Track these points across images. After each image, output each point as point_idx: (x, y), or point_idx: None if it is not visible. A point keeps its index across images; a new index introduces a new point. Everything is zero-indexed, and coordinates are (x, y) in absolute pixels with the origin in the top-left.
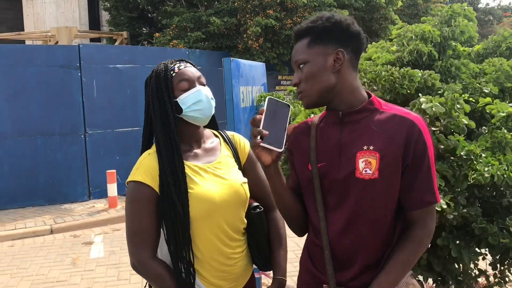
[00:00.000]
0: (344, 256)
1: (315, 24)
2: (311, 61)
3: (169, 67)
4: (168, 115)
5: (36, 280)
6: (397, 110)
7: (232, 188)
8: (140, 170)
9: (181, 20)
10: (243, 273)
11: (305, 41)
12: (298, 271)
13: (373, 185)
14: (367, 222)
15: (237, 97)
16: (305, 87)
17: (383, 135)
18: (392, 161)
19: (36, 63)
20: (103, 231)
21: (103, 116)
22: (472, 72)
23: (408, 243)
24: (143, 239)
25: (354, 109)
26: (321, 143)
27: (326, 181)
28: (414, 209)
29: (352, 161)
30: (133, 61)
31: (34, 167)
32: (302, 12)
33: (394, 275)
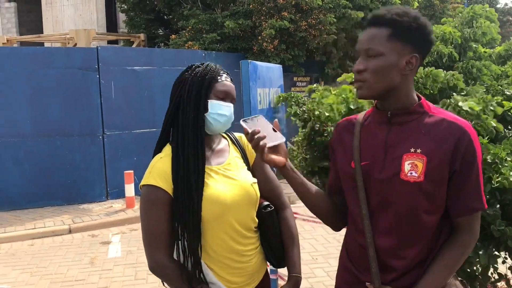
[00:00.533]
0: (387, 255)
1: (401, 18)
2: (386, 55)
3: (219, 71)
4: (200, 111)
5: (55, 279)
6: (446, 115)
7: (242, 188)
8: (154, 173)
9: (197, 22)
10: (258, 269)
11: (385, 32)
12: (313, 273)
13: (417, 188)
14: (411, 224)
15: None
16: (369, 79)
17: (432, 139)
18: (439, 166)
19: (55, 65)
20: (121, 231)
21: (121, 117)
22: (493, 74)
23: (454, 248)
24: (160, 241)
25: (404, 111)
26: (366, 141)
27: (370, 180)
28: (461, 215)
29: (398, 163)
30: (150, 63)
31: (53, 167)
32: (317, 13)
33: (439, 277)
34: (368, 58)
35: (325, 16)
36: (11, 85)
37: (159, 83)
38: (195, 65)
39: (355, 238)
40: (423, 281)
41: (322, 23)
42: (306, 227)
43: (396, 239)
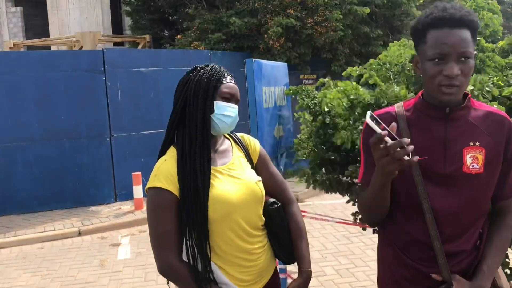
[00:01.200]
0: (448, 245)
1: (474, 18)
2: (472, 57)
3: (224, 73)
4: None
5: (66, 282)
6: (489, 108)
7: (248, 187)
8: (160, 176)
9: (202, 22)
10: (267, 267)
11: (468, 34)
12: (323, 271)
13: (478, 179)
14: (472, 213)
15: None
16: (464, 82)
17: (486, 132)
18: (495, 157)
19: (62, 68)
20: (130, 232)
21: (128, 119)
22: (497, 66)
23: (503, 229)
24: (168, 243)
25: (460, 106)
26: (420, 136)
27: (429, 174)
28: (507, 198)
29: (459, 156)
30: (156, 64)
31: (62, 170)
32: (322, 10)
33: (497, 258)
34: (460, 62)
35: (331, 13)
36: (19, 89)
37: (166, 84)
38: (200, 66)
39: (411, 231)
40: (485, 265)
41: (328, 20)
42: (315, 225)
43: (457, 229)
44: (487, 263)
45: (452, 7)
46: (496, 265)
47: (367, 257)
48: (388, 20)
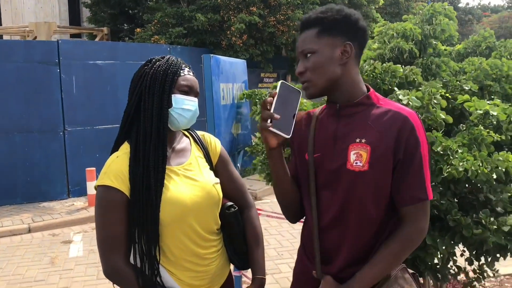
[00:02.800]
0: (332, 247)
1: (325, 15)
2: (319, 51)
3: (181, 65)
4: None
5: (13, 280)
6: (392, 106)
7: (204, 189)
8: (109, 174)
9: (163, 16)
10: (220, 272)
11: (313, 31)
12: (279, 268)
13: (362, 177)
14: (356, 214)
15: (217, 94)
16: (311, 77)
17: (376, 129)
18: (383, 155)
19: (13, 59)
20: (83, 229)
21: (83, 113)
22: (452, 70)
23: (396, 239)
24: (115, 245)
25: (351, 103)
26: (319, 134)
27: (321, 171)
28: (404, 205)
29: (345, 153)
30: (114, 57)
31: (12, 165)
32: (285, 9)
33: (378, 269)
34: (305, 60)
35: (293, 12)
36: None
37: (123, 78)
38: (155, 58)
39: (306, 229)
40: (360, 273)
41: (290, 19)
42: (272, 222)
43: (341, 230)
44: (362, 272)
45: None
46: (372, 277)
47: None
48: None
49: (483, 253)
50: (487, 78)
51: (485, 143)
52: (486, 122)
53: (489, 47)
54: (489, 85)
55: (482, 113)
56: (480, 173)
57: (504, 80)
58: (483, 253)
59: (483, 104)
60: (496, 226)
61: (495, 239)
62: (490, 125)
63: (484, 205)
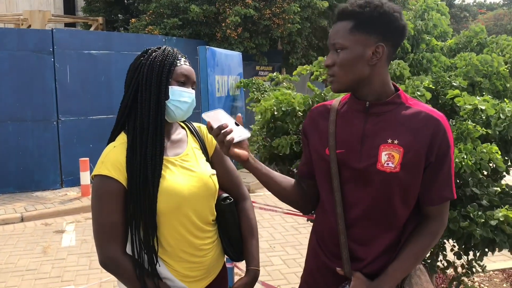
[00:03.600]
0: (358, 243)
1: (362, 9)
2: (350, 48)
3: (177, 55)
4: (161, 98)
5: (4, 269)
6: (423, 107)
7: (200, 180)
8: (107, 163)
9: (158, 6)
10: (215, 263)
11: (347, 25)
12: (271, 261)
13: (393, 178)
14: (384, 213)
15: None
16: (338, 72)
17: (408, 131)
18: (415, 157)
19: (7, 47)
20: (75, 219)
21: (77, 102)
22: (443, 66)
23: (423, 236)
24: (112, 235)
25: (382, 101)
26: (342, 129)
27: (345, 168)
28: (433, 204)
29: (375, 152)
30: (108, 47)
31: (5, 154)
32: (281, 2)
33: (408, 264)
34: (335, 53)
35: (289, 5)
36: None
37: (117, 68)
38: (151, 49)
39: (325, 224)
40: (391, 268)
41: (286, 12)
42: (264, 215)
43: (368, 227)
44: (393, 266)
45: (351, 2)
46: (403, 271)
47: None
48: None
49: (472, 247)
50: (478, 74)
51: (472, 137)
52: (476, 117)
53: (480, 43)
54: (479, 82)
55: (471, 108)
56: (464, 165)
57: (495, 77)
58: (471, 247)
59: (473, 99)
60: (483, 220)
61: (482, 232)
62: (480, 121)
63: (472, 199)
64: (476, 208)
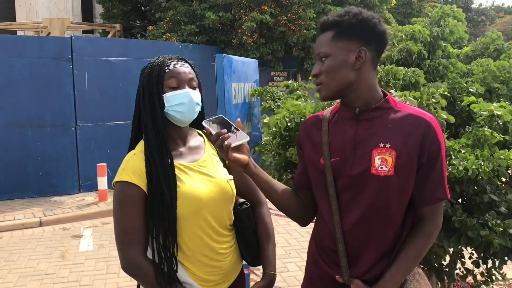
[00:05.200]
0: (356, 250)
1: (341, 18)
2: (333, 55)
3: (165, 62)
4: (156, 109)
5: (24, 273)
6: (412, 110)
7: (218, 185)
8: (127, 170)
9: (175, 14)
10: (233, 268)
11: (329, 34)
12: (287, 267)
13: (388, 181)
14: (381, 217)
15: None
16: (324, 80)
17: (399, 134)
18: (408, 160)
19: (27, 54)
20: (93, 224)
21: (94, 108)
22: (460, 72)
23: (419, 238)
24: (134, 239)
25: (371, 107)
26: (334, 138)
27: (340, 176)
28: (426, 205)
29: (368, 158)
30: (126, 54)
31: (24, 159)
32: (296, 8)
33: (405, 267)
34: (320, 62)
35: (305, 11)
36: None
37: (134, 75)
38: (149, 64)
39: (323, 232)
40: (389, 273)
41: (301, 18)
42: (280, 221)
43: (365, 233)
44: (390, 271)
45: (334, 12)
46: (401, 275)
47: None
48: None
49: (491, 256)
50: (495, 80)
51: (489, 144)
52: (493, 123)
53: (497, 49)
54: (496, 88)
55: (488, 114)
56: (482, 172)
57: None
58: (490, 255)
59: (488, 105)
60: (502, 229)
61: (501, 242)
62: (497, 127)
63: (490, 206)
64: (495, 216)
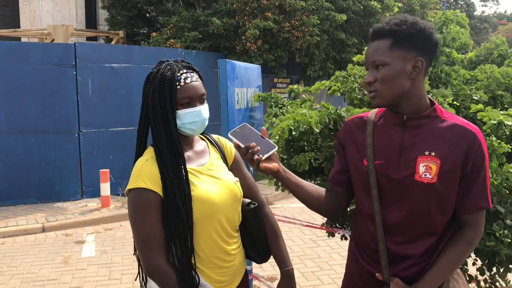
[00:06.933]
0: (396, 250)
1: (399, 27)
2: (391, 64)
3: (175, 76)
4: (171, 126)
5: (26, 278)
6: (458, 120)
7: (228, 187)
8: (143, 176)
9: (179, 20)
10: (240, 268)
11: (386, 42)
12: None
13: (430, 189)
14: (421, 221)
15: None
16: (380, 88)
17: (445, 143)
18: (452, 169)
19: (31, 61)
20: (95, 230)
21: (98, 115)
22: (463, 79)
23: (460, 244)
24: (156, 244)
25: (419, 115)
26: (379, 141)
27: (383, 178)
28: (469, 213)
29: (413, 164)
30: (129, 60)
31: (28, 164)
32: (300, 15)
33: (445, 271)
34: (375, 70)
35: (308, 18)
36: None
37: (138, 81)
38: (152, 74)
39: (364, 231)
40: (429, 274)
41: (305, 24)
42: (283, 228)
43: (406, 235)
44: (431, 273)
45: (387, 20)
46: (440, 277)
47: (332, 260)
48: (363, 28)
49: (495, 264)
50: (500, 87)
51: (496, 154)
52: (500, 132)
53: (501, 55)
54: (501, 95)
55: (495, 123)
56: (490, 184)
57: None
58: (495, 263)
59: (497, 114)
60: (509, 240)
61: (508, 252)
62: (503, 136)
63: (496, 215)
64: (502, 227)
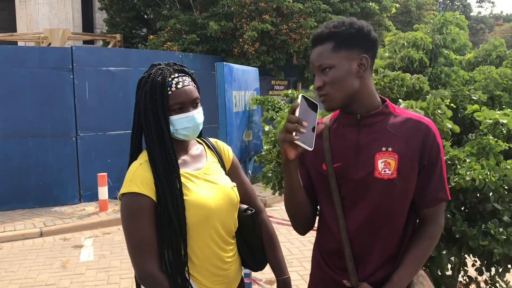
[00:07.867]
0: (362, 253)
1: (338, 29)
2: (337, 65)
3: (166, 82)
4: (164, 133)
5: (24, 284)
6: (411, 114)
7: (224, 192)
8: (136, 181)
9: (176, 23)
10: (236, 276)
11: (328, 46)
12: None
13: (391, 184)
14: (385, 220)
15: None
16: (330, 91)
17: (401, 138)
18: (410, 162)
19: (28, 65)
20: (93, 234)
21: (95, 118)
22: (462, 80)
23: (423, 239)
24: (148, 250)
25: (372, 113)
26: (336, 144)
27: (343, 181)
28: (428, 206)
29: (371, 162)
30: (126, 63)
31: (25, 169)
32: (297, 17)
33: (411, 269)
34: (323, 74)
35: (306, 20)
36: None
37: (135, 84)
38: (143, 79)
39: (328, 238)
40: (397, 275)
41: (302, 27)
42: (281, 230)
43: (370, 236)
44: (398, 273)
45: (325, 24)
46: (409, 276)
47: None
48: None
49: (493, 264)
50: (497, 88)
51: (494, 152)
52: (496, 131)
53: (499, 56)
54: (499, 95)
55: (492, 122)
56: (488, 181)
57: None
58: (493, 263)
59: (493, 113)
60: (505, 237)
61: (503, 251)
62: (500, 135)
63: (493, 214)
64: (497, 225)
